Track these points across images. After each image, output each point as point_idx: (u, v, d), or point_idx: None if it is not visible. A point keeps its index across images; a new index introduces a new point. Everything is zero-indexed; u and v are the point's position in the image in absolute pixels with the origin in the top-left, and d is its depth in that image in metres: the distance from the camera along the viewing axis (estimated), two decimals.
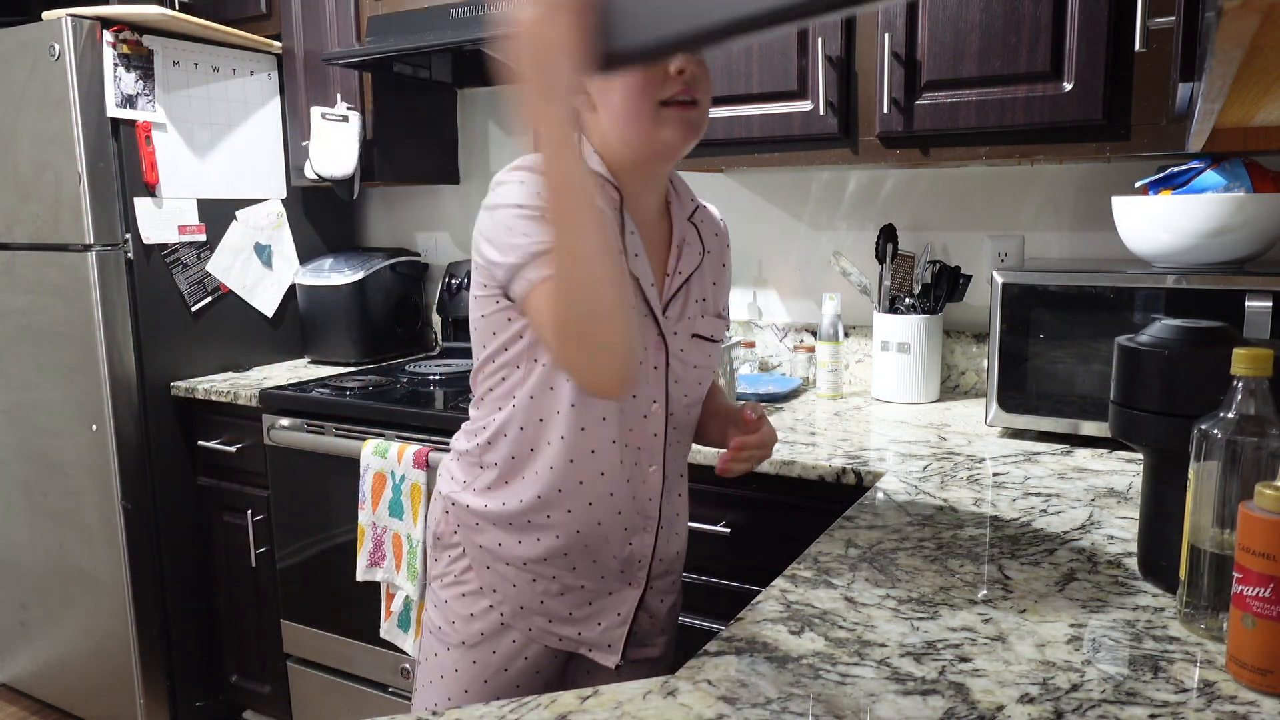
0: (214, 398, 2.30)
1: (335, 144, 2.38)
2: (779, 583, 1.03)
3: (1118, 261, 1.73)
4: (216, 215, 2.44)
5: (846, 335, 2.19)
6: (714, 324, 1.22)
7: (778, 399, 2.04)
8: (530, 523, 1.14)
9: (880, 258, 1.99)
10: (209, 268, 2.43)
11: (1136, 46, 1.48)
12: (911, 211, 2.11)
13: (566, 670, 1.22)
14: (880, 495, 1.35)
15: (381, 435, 2.03)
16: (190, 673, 2.48)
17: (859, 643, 0.88)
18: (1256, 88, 0.90)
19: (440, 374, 2.36)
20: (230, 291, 2.49)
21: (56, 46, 2.14)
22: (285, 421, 2.20)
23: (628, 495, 1.15)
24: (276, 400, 2.21)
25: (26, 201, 2.30)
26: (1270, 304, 1.41)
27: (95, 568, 2.37)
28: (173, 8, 2.51)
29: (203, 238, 2.41)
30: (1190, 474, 0.86)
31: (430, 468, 1.88)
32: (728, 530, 1.62)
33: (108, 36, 2.17)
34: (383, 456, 1.95)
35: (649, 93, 1.05)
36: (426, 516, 1.48)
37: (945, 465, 1.51)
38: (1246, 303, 1.42)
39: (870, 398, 2.04)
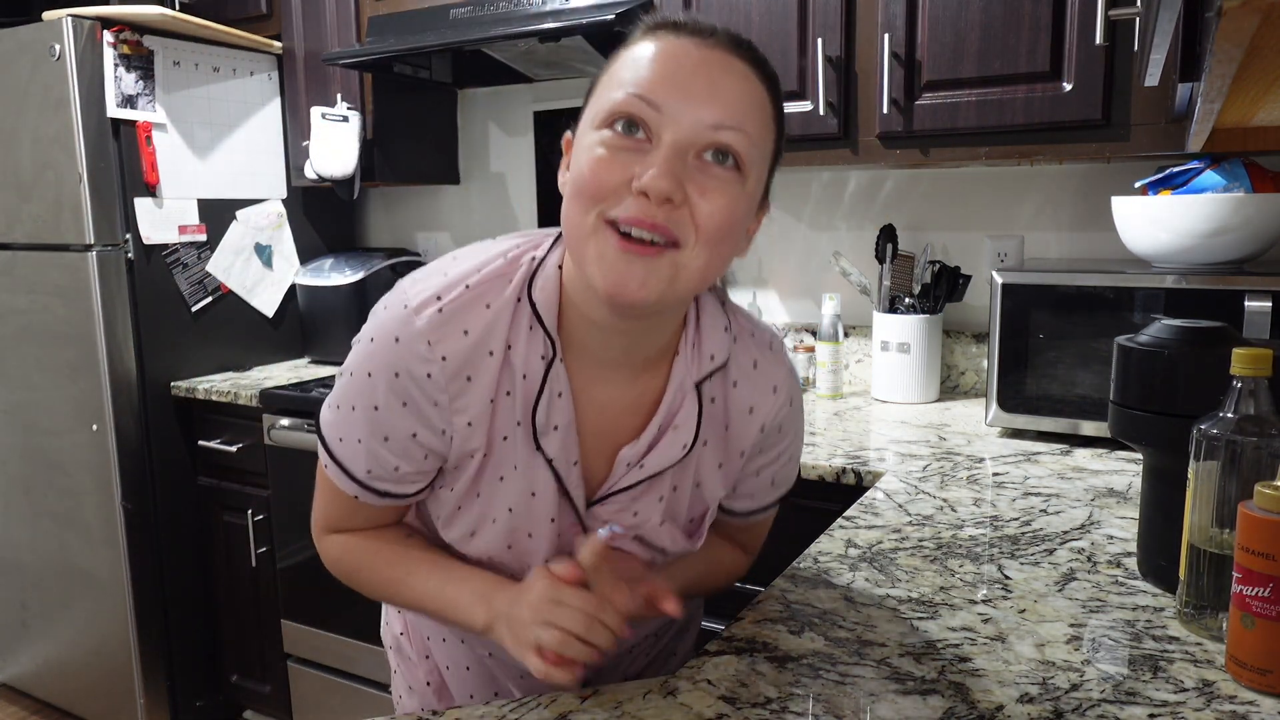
0: (214, 398, 2.30)
1: (335, 144, 2.38)
2: (779, 583, 1.03)
3: (1117, 261, 1.73)
4: (217, 215, 2.44)
5: (846, 335, 2.19)
6: (674, 536, 0.90)
7: None
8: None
9: (880, 258, 1.99)
10: (209, 268, 2.43)
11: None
12: (911, 211, 2.12)
13: None
14: (880, 495, 1.35)
15: None
16: (190, 672, 2.48)
17: (859, 643, 0.88)
18: (1256, 88, 0.90)
19: None
20: (230, 291, 2.49)
21: (57, 47, 2.14)
22: (285, 421, 2.20)
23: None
24: (277, 400, 2.21)
25: (27, 202, 2.30)
26: (1270, 304, 1.41)
27: (95, 567, 2.37)
28: (173, 8, 2.51)
29: (203, 238, 2.41)
30: (1190, 474, 0.86)
31: None
32: None
33: (108, 37, 2.17)
34: None
35: (593, 187, 0.72)
36: None
37: (945, 465, 1.51)
38: (1246, 303, 1.42)
39: (870, 398, 2.04)
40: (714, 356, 0.86)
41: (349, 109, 2.39)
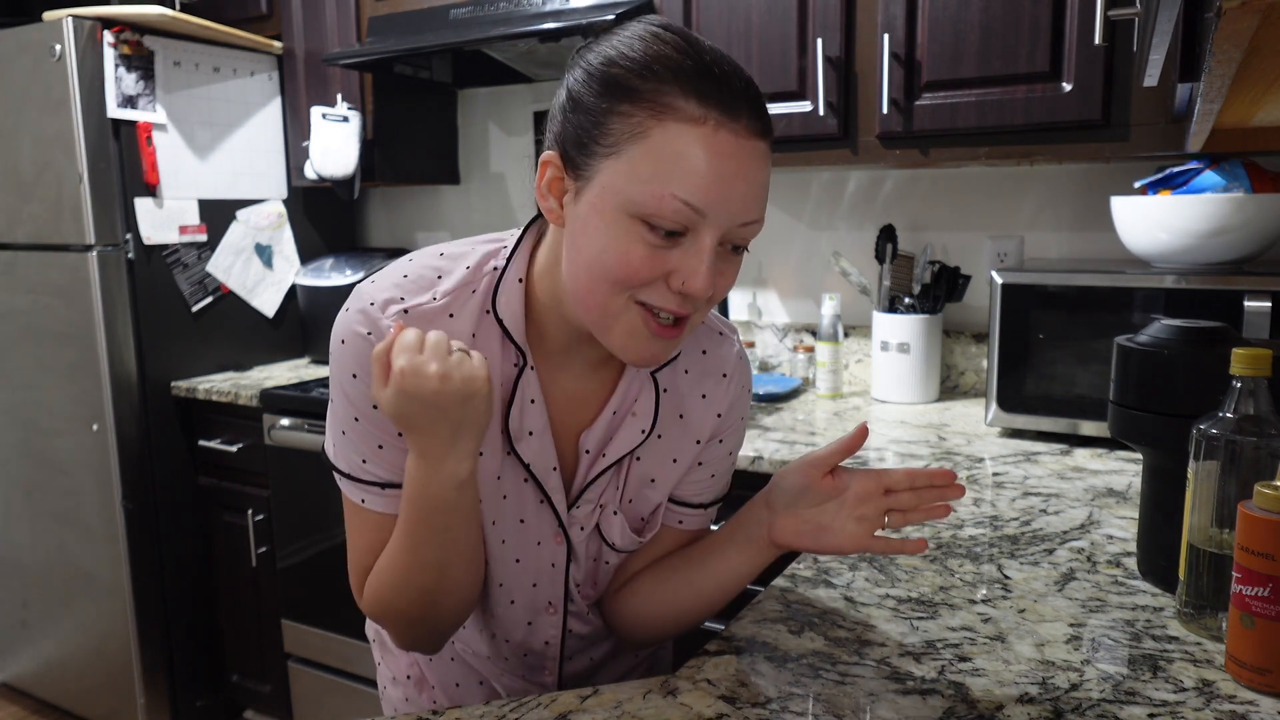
0: (214, 398, 2.31)
1: (336, 144, 2.38)
2: (779, 582, 1.03)
3: (1117, 261, 1.73)
4: (217, 215, 2.44)
5: (846, 335, 2.19)
6: (624, 529, 0.92)
7: (777, 399, 2.04)
8: None
9: (880, 258, 1.99)
10: (209, 268, 2.43)
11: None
12: (911, 212, 2.12)
13: None
14: None
15: None
16: (190, 672, 2.48)
17: (859, 642, 0.88)
18: (1256, 88, 0.90)
19: None
20: (231, 291, 2.49)
21: (58, 47, 2.14)
22: (286, 421, 2.20)
23: (515, 651, 0.97)
24: (277, 400, 2.21)
25: (28, 202, 2.30)
26: (1269, 304, 1.41)
27: (96, 567, 2.37)
28: (174, 8, 2.51)
29: (204, 238, 2.41)
30: (1189, 474, 0.86)
31: None
32: None
33: (108, 37, 2.17)
34: None
35: (626, 280, 0.73)
36: None
37: (945, 465, 1.50)
38: (1245, 303, 1.42)
39: (870, 398, 2.04)
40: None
41: (349, 109, 2.39)
